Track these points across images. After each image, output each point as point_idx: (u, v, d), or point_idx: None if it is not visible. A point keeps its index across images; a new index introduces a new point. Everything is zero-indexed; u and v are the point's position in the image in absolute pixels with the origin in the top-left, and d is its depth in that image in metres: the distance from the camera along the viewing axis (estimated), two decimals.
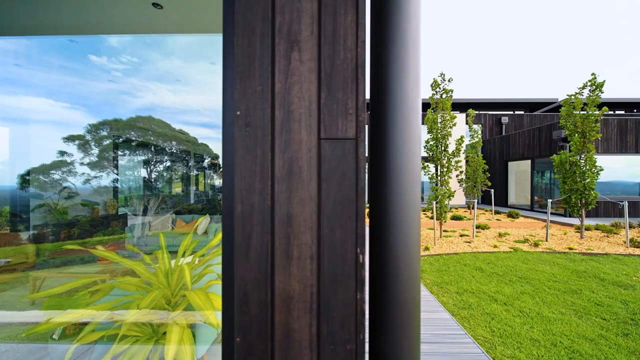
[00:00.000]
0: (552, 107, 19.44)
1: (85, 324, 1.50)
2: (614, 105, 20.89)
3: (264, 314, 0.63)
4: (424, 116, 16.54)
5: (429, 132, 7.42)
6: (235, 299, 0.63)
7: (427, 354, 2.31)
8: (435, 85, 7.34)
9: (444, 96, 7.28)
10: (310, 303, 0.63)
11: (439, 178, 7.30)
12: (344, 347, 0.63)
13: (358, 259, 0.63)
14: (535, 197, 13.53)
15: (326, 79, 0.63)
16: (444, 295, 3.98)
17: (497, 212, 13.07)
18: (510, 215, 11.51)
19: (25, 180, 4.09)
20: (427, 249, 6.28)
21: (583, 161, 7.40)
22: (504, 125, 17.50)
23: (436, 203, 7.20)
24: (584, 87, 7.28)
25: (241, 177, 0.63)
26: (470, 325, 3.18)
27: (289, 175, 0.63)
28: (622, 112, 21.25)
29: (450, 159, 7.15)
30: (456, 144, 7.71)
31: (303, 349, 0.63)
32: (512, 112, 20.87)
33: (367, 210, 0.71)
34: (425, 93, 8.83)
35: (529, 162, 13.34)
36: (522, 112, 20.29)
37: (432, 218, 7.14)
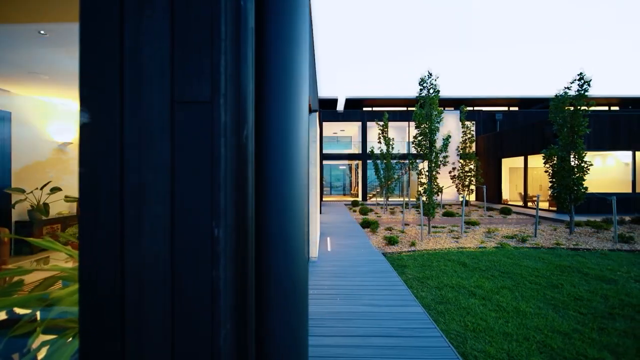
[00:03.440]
0: (547, 104, 19.42)
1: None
2: (609, 101, 20.87)
3: (115, 292, 0.58)
4: (411, 112, 16.46)
5: (416, 128, 7.38)
6: (85, 276, 0.59)
7: (392, 348, 2.27)
8: (422, 82, 7.30)
9: (431, 92, 7.24)
10: (163, 280, 0.58)
11: (427, 174, 7.26)
12: (199, 326, 0.58)
13: (213, 232, 0.58)
14: (529, 194, 13.52)
15: (180, 38, 0.58)
16: (424, 290, 3.95)
17: (490, 209, 13.06)
18: (502, 212, 11.49)
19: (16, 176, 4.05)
20: (413, 244, 6.24)
21: (572, 157, 7.36)
22: (498, 122, 17.47)
23: (424, 199, 7.16)
24: (572, 82, 7.25)
25: (88, 144, 0.58)
26: (445, 319, 3.14)
27: (140, 141, 0.58)
28: (617, 108, 21.23)
29: (438, 155, 7.11)
30: (444, 140, 7.67)
31: (156, 328, 0.58)
32: (506, 109, 20.84)
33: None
34: (414, 91, 8.72)
35: (522, 158, 13.32)
36: (516, 109, 20.26)
37: (423, 215, 7.10)
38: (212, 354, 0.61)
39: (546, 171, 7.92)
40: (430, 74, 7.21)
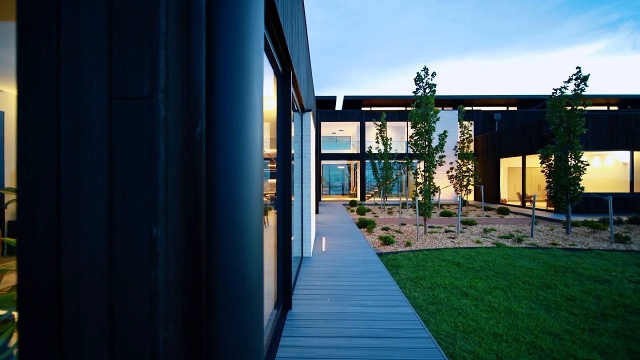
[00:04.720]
0: (546, 104, 19.37)
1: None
2: (608, 101, 20.81)
3: (51, 293, 0.57)
4: (408, 112, 16.42)
5: (412, 127, 7.35)
6: (21, 278, 0.57)
7: (379, 349, 2.25)
8: (418, 79, 7.26)
9: (427, 91, 7.20)
10: (102, 281, 0.57)
11: (423, 174, 7.22)
12: (139, 328, 0.57)
13: (152, 232, 0.57)
14: (528, 194, 13.49)
15: (118, 32, 0.57)
16: (416, 290, 3.93)
17: (488, 209, 13.02)
18: (500, 212, 11.46)
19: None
20: (408, 244, 6.22)
21: (569, 156, 7.34)
22: (496, 122, 17.43)
23: (420, 199, 7.14)
24: (569, 81, 7.22)
25: (25, 143, 0.57)
26: (436, 320, 3.12)
27: (78, 140, 0.56)
28: (615, 108, 21.18)
29: (434, 154, 7.08)
30: (439, 139, 7.64)
31: (95, 331, 0.57)
32: (505, 109, 20.79)
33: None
34: (410, 88, 8.70)
35: (520, 158, 13.28)
36: (515, 109, 20.21)
37: (419, 215, 7.08)
38: (151, 357, 0.59)
39: (543, 171, 7.89)
40: (427, 71, 7.16)
